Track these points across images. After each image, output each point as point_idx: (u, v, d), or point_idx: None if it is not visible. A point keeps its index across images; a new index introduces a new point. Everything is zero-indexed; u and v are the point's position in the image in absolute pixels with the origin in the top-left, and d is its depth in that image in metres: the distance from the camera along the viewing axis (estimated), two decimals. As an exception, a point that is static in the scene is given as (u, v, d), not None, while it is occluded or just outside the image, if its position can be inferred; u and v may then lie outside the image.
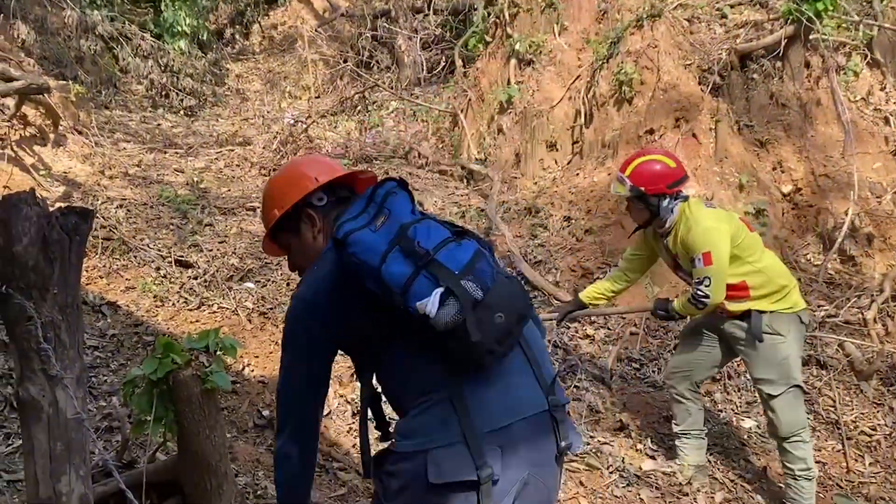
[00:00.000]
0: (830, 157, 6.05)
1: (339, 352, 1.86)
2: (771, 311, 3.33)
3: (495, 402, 1.72)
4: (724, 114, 5.98)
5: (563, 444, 1.78)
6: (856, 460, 4.05)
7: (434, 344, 1.67)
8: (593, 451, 3.84)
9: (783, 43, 6.24)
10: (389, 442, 1.84)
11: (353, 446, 3.56)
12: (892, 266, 5.53)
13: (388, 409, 1.91)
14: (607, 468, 3.70)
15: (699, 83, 6.25)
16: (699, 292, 3.27)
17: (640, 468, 3.75)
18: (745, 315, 3.37)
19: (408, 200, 1.79)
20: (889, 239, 5.66)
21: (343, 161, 6.94)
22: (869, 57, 6.49)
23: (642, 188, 3.32)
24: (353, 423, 3.72)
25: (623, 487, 3.58)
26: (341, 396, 3.90)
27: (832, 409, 4.40)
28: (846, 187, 5.83)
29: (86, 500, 1.79)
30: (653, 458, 3.86)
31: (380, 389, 1.90)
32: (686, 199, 3.38)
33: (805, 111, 6.19)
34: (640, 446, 3.96)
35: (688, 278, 3.47)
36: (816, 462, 3.74)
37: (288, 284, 4.69)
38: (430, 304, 1.62)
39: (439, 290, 1.62)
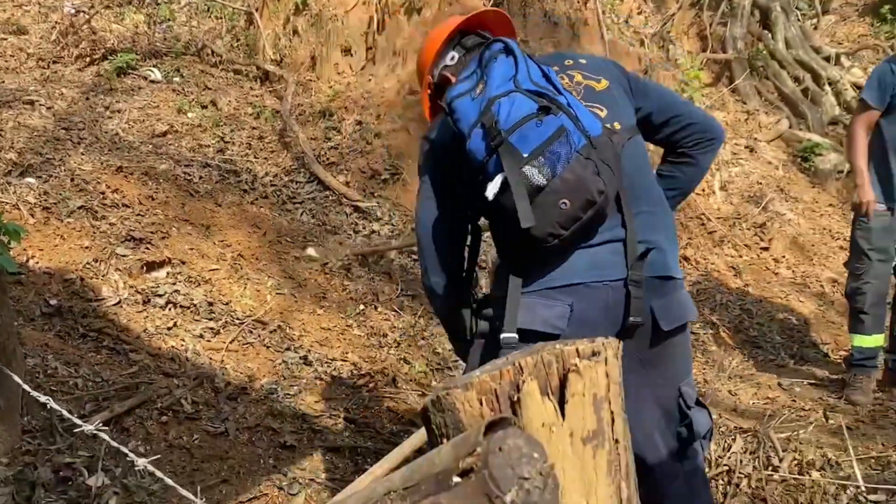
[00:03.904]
0: (592, 74, 6.79)
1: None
2: None
3: (572, 262, 1.75)
4: (502, 29, 6.49)
5: (632, 318, 1.74)
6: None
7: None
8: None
9: (557, -36, 6.80)
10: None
11: (144, 331, 3.79)
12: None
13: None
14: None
15: (482, -2, 6.69)
16: None
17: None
18: None
19: (510, 66, 1.73)
20: (635, 147, 6.54)
21: (129, 56, 6.72)
22: (630, -17, 7.25)
23: None
24: (144, 310, 3.92)
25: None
26: (131, 287, 4.07)
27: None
28: (603, 101, 6.61)
29: None
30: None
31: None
32: None
33: (574, 30, 6.84)
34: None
35: None
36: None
37: (72, 180, 4.67)
38: (490, 188, 1.64)
39: (500, 177, 1.63)
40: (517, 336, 1.75)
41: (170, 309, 4.03)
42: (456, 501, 0.76)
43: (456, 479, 0.77)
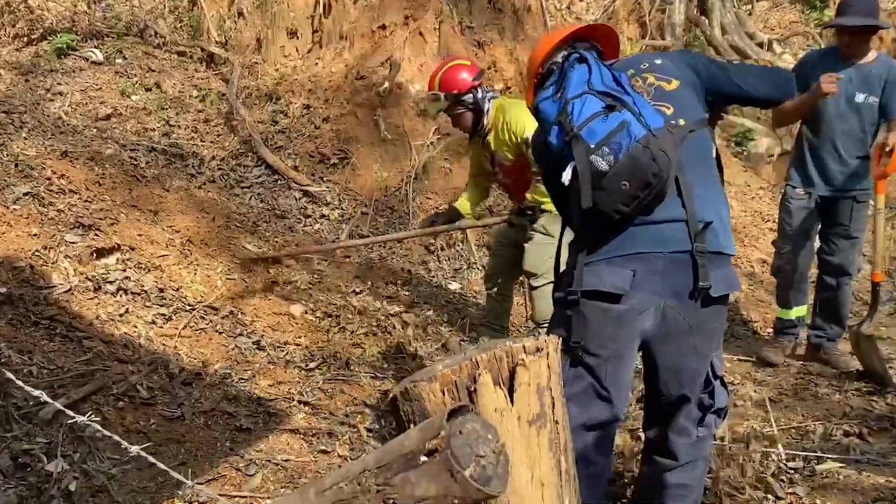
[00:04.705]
0: (536, 60, 6.95)
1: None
2: (550, 212, 3.52)
3: (635, 235, 2.06)
4: (448, 15, 6.59)
5: (701, 283, 2.03)
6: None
7: None
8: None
9: (502, -49, 6.91)
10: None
11: (97, 318, 3.81)
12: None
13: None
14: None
15: (428, -17, 6.77)
16: None
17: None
18: (532, 210, 3.73)
19: (584, 72, 2.05)
20: (577, 132, 6.74)
21: (69, 36, 6.60)
22: (573, -30, 7.40)
23: (455, 91, 3.72)
24: (95, 297, 3.95)
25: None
26: (82, 274, 4.08)
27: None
28: (546, 87, 6.77)
29: None
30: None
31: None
32: (497, 96, 3.81)
33: (517, 16, 6.98)
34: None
35: (507, 181, 3.84)
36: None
37: (16, 166, 4.61)
38: (565, 175, 1.98)
39: (571, 165, 1.97)
40: (580, 296, 2.10)
41: (121, 295, 4.05)
42: (423, 477, 0.90)
43: (423, 458, 0.91)
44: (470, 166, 4.25)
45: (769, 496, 2.99)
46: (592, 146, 1.95)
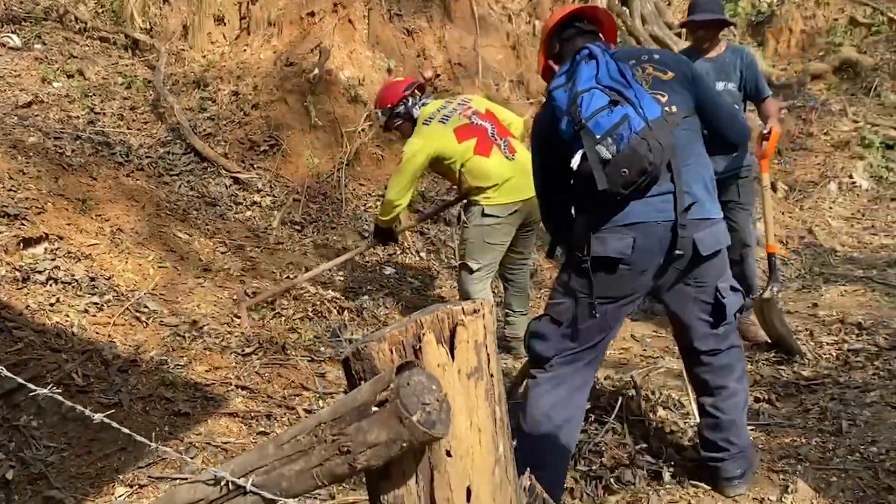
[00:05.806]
0: (464, 48, 7.08)
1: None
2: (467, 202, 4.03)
3: (634, 208, 2.39)
4: (377, 2, 6.64)
5: (677, 251, 2.41)
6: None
7: None
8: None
9: (429, -59, 6.99)
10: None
11: (27, 307, 3.77)
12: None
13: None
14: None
15: (356, -29, 6.80)
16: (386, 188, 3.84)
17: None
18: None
19: (592, 67, 2.35)
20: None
21: (-15, 21, 6.39)
22: (500, -40, 7.53)
23: (388, 104, 3.98)
24: (24, 287, 3.89)
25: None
26: (8, 264, 4.01)
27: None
28: (475, 74, 6.92)
29: None
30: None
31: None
32: (427, 102, 4.01)
33: (445, 5, 7.09)
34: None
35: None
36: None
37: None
38: (574, 161, 2.29)
39: (581, 152, 2.27)
40: (590, 262, 2.46)
41: (51, 285, 4.00)
42: (375, 425, 1.01)
43: (374, 408, 1.02)
44: None
45: (687, 459, 3.22)
46: (598, 137, 2.25)
